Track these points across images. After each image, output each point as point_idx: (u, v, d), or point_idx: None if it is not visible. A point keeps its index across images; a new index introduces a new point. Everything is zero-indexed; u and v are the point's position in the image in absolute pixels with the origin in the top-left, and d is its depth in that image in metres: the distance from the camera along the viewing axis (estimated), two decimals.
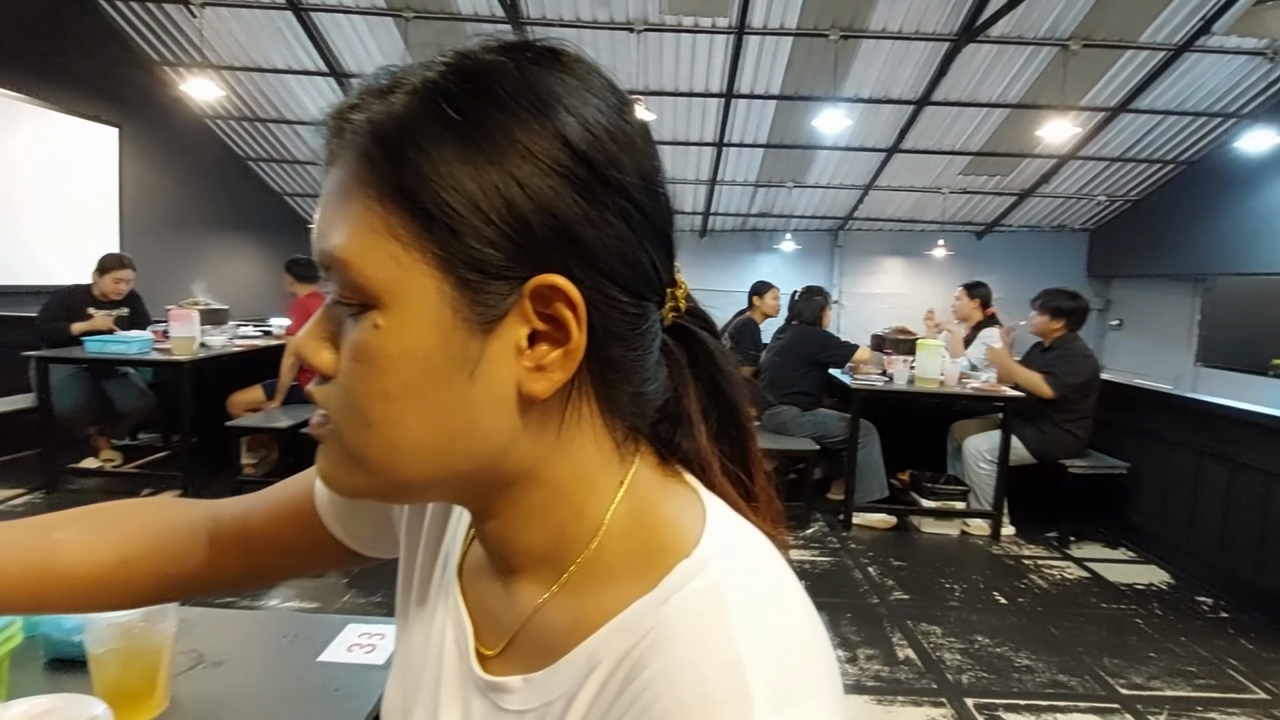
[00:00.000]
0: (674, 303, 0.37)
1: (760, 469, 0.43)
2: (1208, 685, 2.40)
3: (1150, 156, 6.95)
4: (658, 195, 0.34)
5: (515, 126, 0.30)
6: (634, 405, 0.36)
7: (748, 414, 0.42)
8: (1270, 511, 2.85)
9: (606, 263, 0.32)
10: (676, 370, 0.39)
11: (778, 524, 0.41)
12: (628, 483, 0.36)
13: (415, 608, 0.44)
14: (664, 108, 6.45)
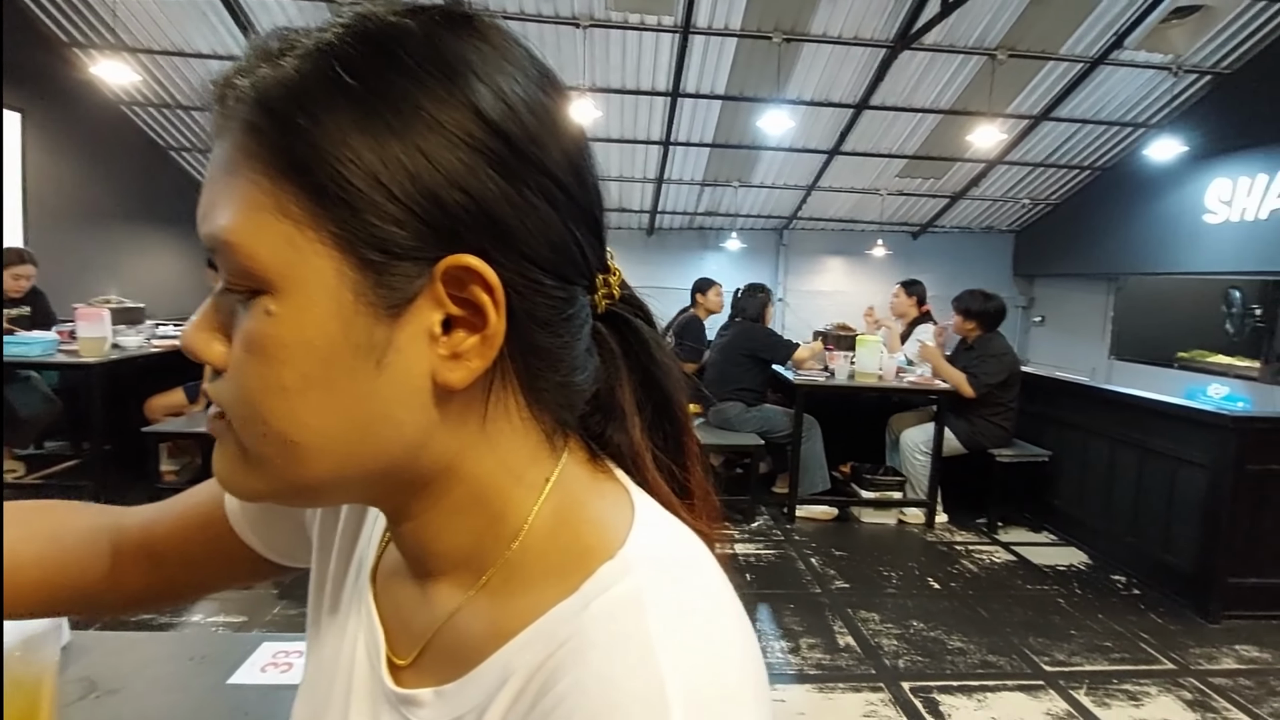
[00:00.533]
0: (607, 290, 0.36)
1: (696, 463, 0.42)
2: (1122, 659, 2.56)
3: (1069, 163, 7.36)
4: (584, 176, 0.33)
5: (420, 95, 0.28)
6: (562, 396, 0.34)
7: (684, 406, 0.40)
8: (1175, 494, 3.07)
9: (527, 244, 0.30)
10: (609, 359, 0.37)
11: (714, 521, 0.40)
12: (554, 480, 0.34)
13: (327, 617, 0.42)
14: (611, 105, 6.42)
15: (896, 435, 3.88)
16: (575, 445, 0.36)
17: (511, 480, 0.33)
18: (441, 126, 0.28)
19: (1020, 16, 5.52)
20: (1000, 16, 5.53)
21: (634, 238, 8.82)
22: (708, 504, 0.41)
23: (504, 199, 0.29)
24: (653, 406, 0.39)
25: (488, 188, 0.29)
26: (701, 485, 0.41)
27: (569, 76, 6.02)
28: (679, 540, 0.34)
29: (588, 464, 0.36)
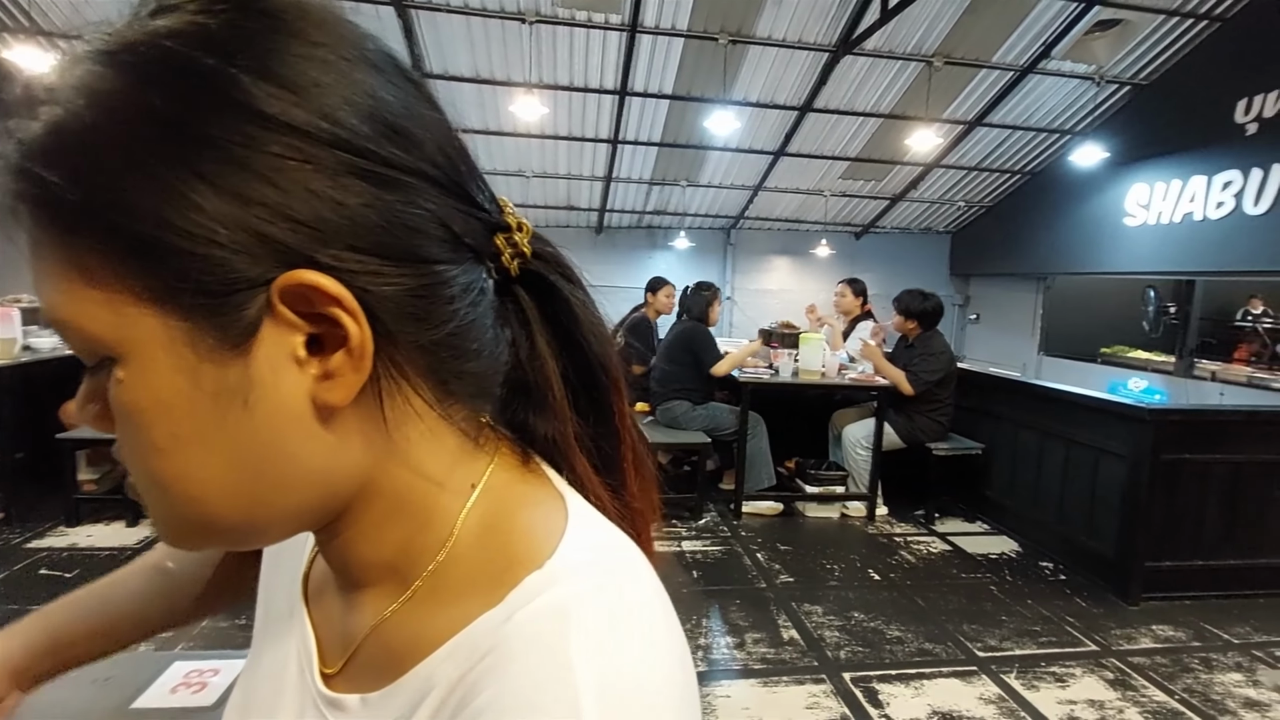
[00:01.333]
0: (514, 249, 0.33)
1: (630, 433, 0.39)
2: (1049, 642, 2.67)
3: (1001, 167, 7.67)
4: (414, 137, 0.29)
5: (195, 113, 0.25)
6: (470, 385, 0.32)
7: (612, 365, 0.38)
8: (1098, 483, 3.23)
9: (360, 238, 0.27)
10: (527, 328, 0.35)
11: (652, 514, 0.39)
12: (482, 485, 0.33)
13: (269, 627, 0.41)
14: (558, 103, 6.36)
15: (839, 431, 3.97)
16: (506, 448, 0.35)
17: (434, 487, 0.32)
18: (228, 142, 0.25)
19: (955, 25, 5.72)
20: (936, 25, 5.72)
21: (582, 236, 8.77)
22: (645, 493, 0.39)
23: (314, 196, 0.26)
24: (577, 370, 0.37)
25: (296, 193, 0.26)
26: (634, 453, 0.39)
27: (515, 73, 5.93)
28: (610, 548, 0.33)
29: (519, 468, 0.35)
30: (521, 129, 6.62)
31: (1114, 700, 2.30)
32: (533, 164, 7.33)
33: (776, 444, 3.84)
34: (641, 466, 0.40)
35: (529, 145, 6.98)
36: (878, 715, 2.16)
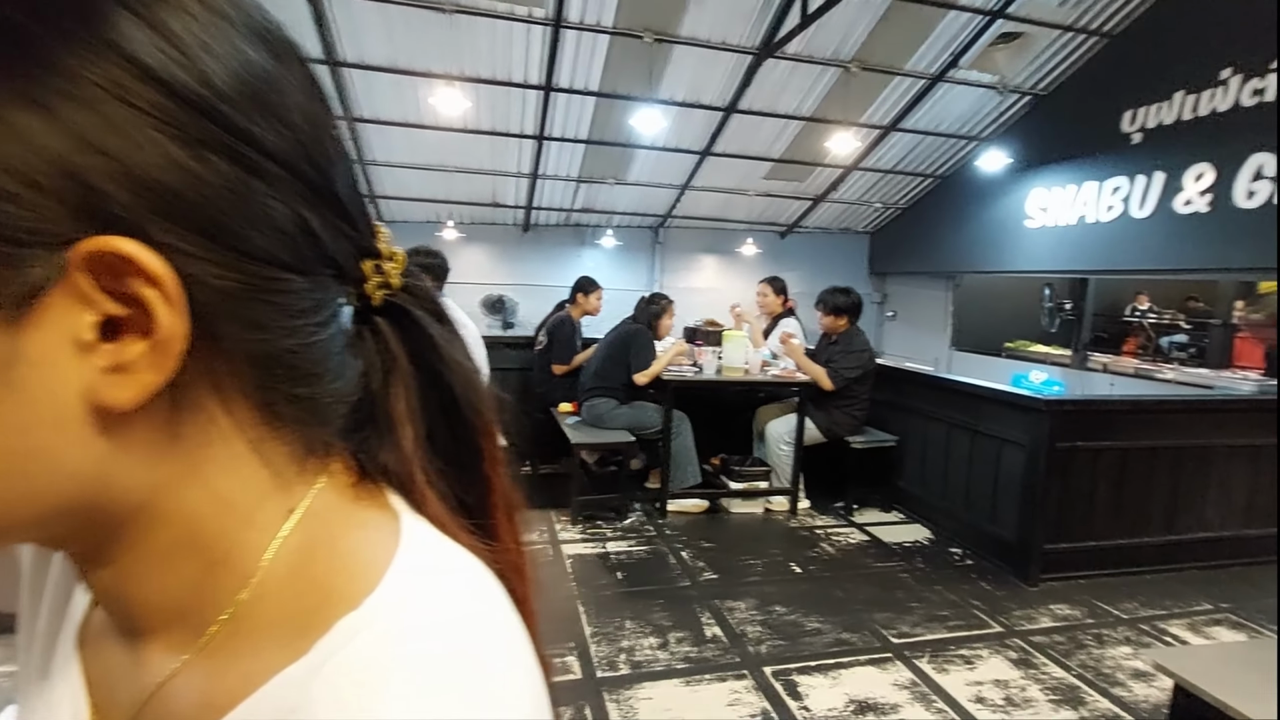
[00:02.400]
0: (382, 278, 0.31)
1: (501, 480, 0.36)
2: (958, 626, 2.78)
3: (914, 170, 8.00)
4: (294, 128, 0.26)
5: (56, 36, 0.22)
6: (308, 411, 0.29)
7: (481, 410, 0.35)
8: (1001, 471, 3.39)
9: (206, 219, 0.24)
10: (385, 361, 0.32)
11: (525, 567, 0.36)
12: (302, 509, 0.29)
13: (35, 683, 0.34)
14: (481, 96, 6.19)
15: (762, 428, 4.02)
16: (340, 468, 0.31)
17: (238, 519, 0.28)
18: (85, 79, 0.22)
19: (870, 33, 5.92)
20: (853, 31, 5.90)
21: (509, 234, 8.60)
22: (512, 528, 0.36)
23: (175, 167, 0.23)
24: (441, 412, 0.34)
25: (148, 153, 0.23)
26: (505, 501, 0.36)
27: (434, 63, 5.73)
28: (447, 574, 0.29)
29: (350, 489, 0.31)
30: (443, 123, 6.40)
31: (1017, 679, 2.41)
32: (455, 159, 7.11)
33: (702, 442, 3.85)
34: (514, 516, 0.37)
35: (451, 139, 6.76)
36: (797, 708, 2.18)
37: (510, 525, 0.36)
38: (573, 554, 3.23)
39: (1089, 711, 2.24)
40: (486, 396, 0.36)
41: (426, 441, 0.33)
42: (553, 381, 4.06)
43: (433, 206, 7.99)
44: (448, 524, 0.32)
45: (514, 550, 0.36)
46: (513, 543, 0.36)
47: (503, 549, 0.35)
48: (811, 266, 8.78)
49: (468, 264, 8.38)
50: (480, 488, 0.35)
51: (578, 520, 3.59)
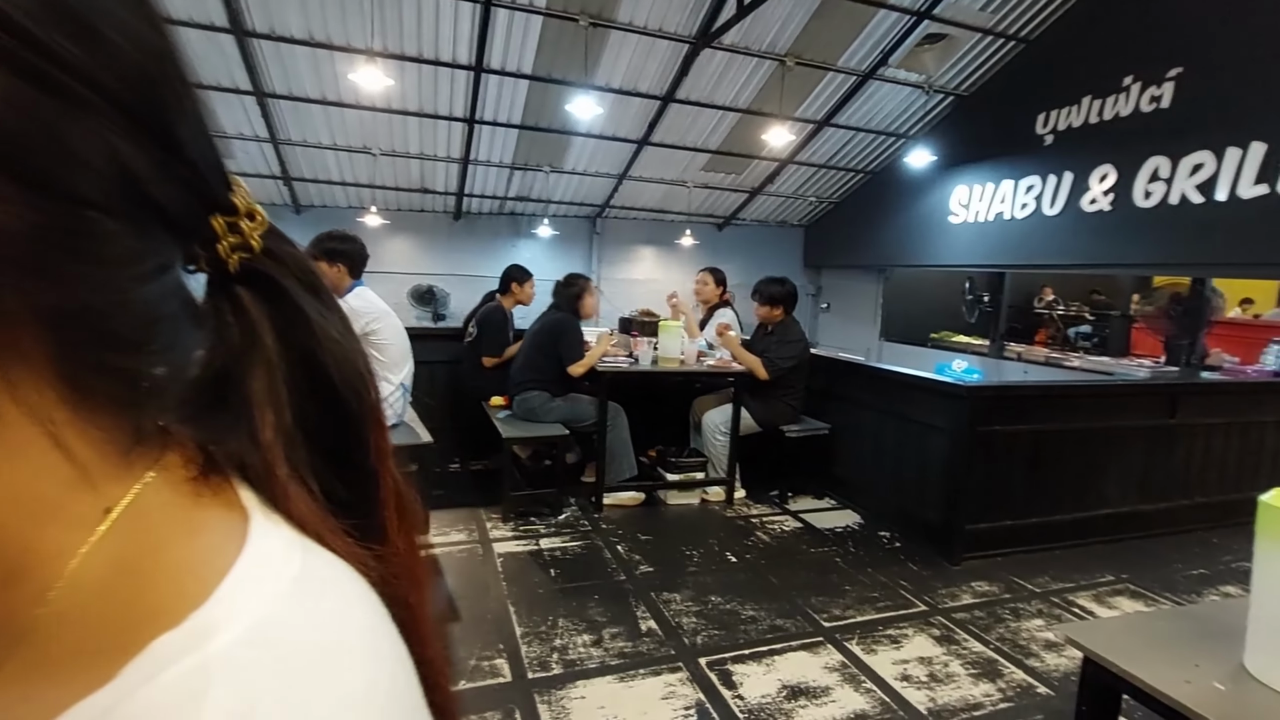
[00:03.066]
0: (239, 239, 0.27)
1: (389, 473, 0.32)
2: (886, 607, 2.85)
3: (847, 166, 8.21)
4: (109, 46, 0.22)
5: None
6: (119, 387, 0.24)
7: (364, 395, 0.31)
8: (926, 456, 3.50)
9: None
10: (244, 336, 0.28)
11: (423, 573, 0.33)
12: (122, 509, 0.24)
13: None
14: (406, 74, 5.92)
15: (699, 418, 4.02)
16: (177, 459, 0.27)
17: (33, 520, 0.23)
18: None
19: (804, 28, 6.00)
20: (788, 26, 5.97)
21: (439, 221, 8.32)
22: (411, 538, 0.32)
23: None
24: (316, 397, 0.30)
25: None
26: (395, 496, 0.32)
27: (355, 38, 5.44)
28: (295, 592, 0.25)
29: (188, 485, 0.26)
30: (365, 101, 6.10)
31: (940, 655, 2.49)
32: (380, 140, 6.80)
33: (639, 433, 3.82)
34: (408, 515, 0.33)
35: (375, 119, 6.46)
36: (731, 697, 2.18)
37: (401, 524, 0.32)
38: (504, 552, 3.14)
39: (1005, 683, 2.34)
40: (370, 379, 0.32)
41: (298, 430, 0.29)
42: (483, 375, 3.93)
43: (355, 191, 7.63)
44: (314, 525, 0.28)
45: (405, 552, 0.32)
46: (404, 544, 0.32)
47: (391, 552, 0.31)
48: (748, 258, 8.89)
49: (394, 252, 8.05)
50: (364, 482, 0.31)
51: (510, 517, 3.49)
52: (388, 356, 3.01)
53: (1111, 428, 3.59)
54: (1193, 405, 3.81)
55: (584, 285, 3.72)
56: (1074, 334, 8.19)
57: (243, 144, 6.60)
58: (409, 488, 0.34)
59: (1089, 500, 3.59)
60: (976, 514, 3.33)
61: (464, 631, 2.48)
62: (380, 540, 0.31)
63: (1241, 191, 4.84)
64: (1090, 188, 5.87)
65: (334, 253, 2.96)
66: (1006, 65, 6.68)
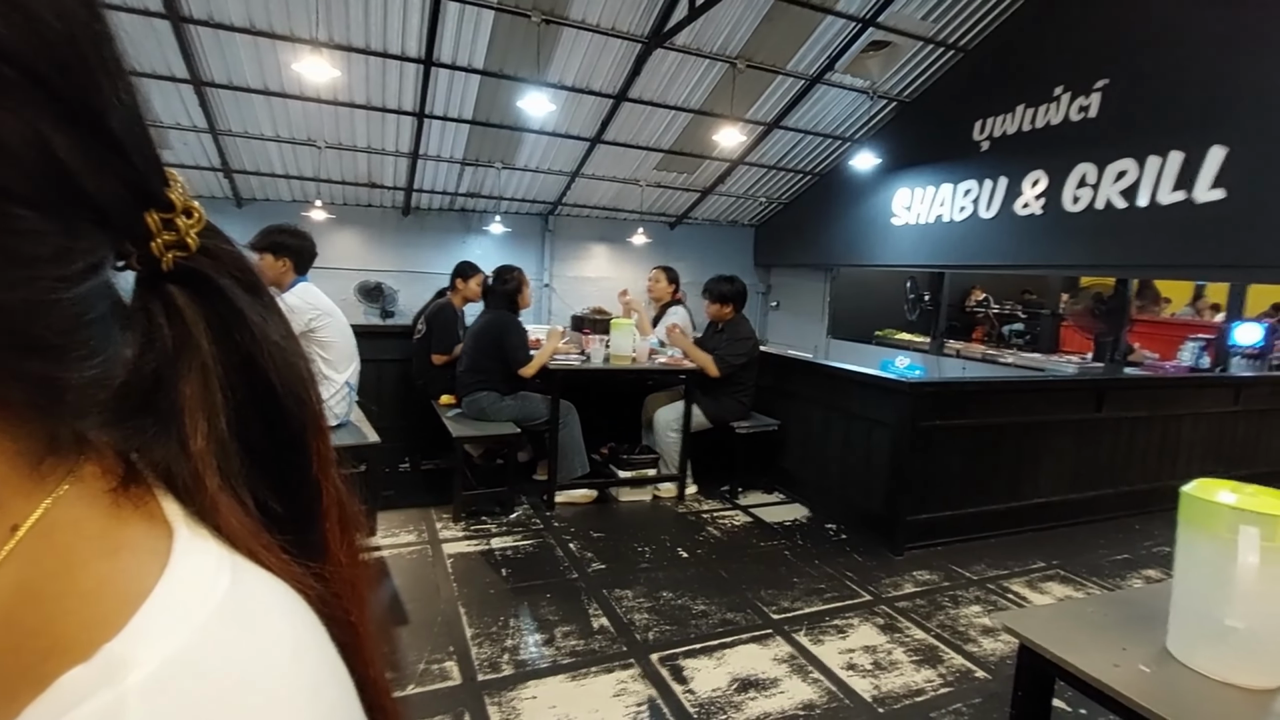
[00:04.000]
0: (174, 236, 0.26)
1: (332, 483, 0.31)
2: (833, 598, 2.93)
3: (795, 167, 8.37)
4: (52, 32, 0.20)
5: None
6: (45, 396, 0.22)
7: (305, 401, 0.30)
8: (872, 450, 3.61)
9: None
10: (176, 338, 0.27)
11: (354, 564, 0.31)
12: (29, 527, 0.22)
13: None
14: (353, 66, 5.75)
15: (651, 415, 4.04)
16: (93, 470, 0.25)
17: None
18: None
19: (755, 31, 6.09)
20: (739, 29, 6.05)
21: (387, 217, 8.12)
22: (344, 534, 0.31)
23: None
24: (254, 403, 0.29)
25: None
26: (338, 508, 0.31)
27: (299, 27, 5.25)
28: (220, 618, 0.23)
29: (107, 498, 0.25)
30: (310, 92, 5.90)
31: (884, 644, 2.57)
32: (326, 133, 6.59)
33: (591, 431, 3.81)
34: (349, 526, 0.31)
35: (321, 112, 6.26)
36: (682, 692, 2.20)
37: (344, 537, 0.31)
38: (454, 553, 3.09)
39: (946, 668, 2.43)
40: (312, 384, 0.30)
41: (234, 439, 0.28)
42: (432, 372, 3.85)
43: (299, 184, 7.38)
44: (247, 540, 0.26)
45: (347, 566, 0.31)
46: (346, 557, 0.31)
47: (333, 566, 0.30)
48: (700, 257, 8.98)
49: (341, 248, 7.82)
50: (305, 493, 0.30)
51: (461, 517, 3.44)
52: (332, 355, 2.92)
53: (1043, 421, 3.78)
54: (1117, 400, 4.03)
55: (520, 277, 3.66)
56: (1008, 331, 8.57)
57: (180, 135, 6.31)
58: (352, 496, 0.32)
59: (1022, 490, 3.76)
60: (918, 505, 3.45)
61: (413, 634, 2.43)
62: (321, 554, 0.30)
63: (1161, 198, 5.15)
64: (1023, 192, 6.15)
65: (281, 246, 2.86)
66: (946, 73, 6.94)
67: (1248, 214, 4.65)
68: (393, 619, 2.50)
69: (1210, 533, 0.99)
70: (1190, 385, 4.58)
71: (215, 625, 0.23)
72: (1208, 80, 4.88)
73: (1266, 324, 5.79)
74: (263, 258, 2.86)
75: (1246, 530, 0.94)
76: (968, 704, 2.23)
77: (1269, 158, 4.57)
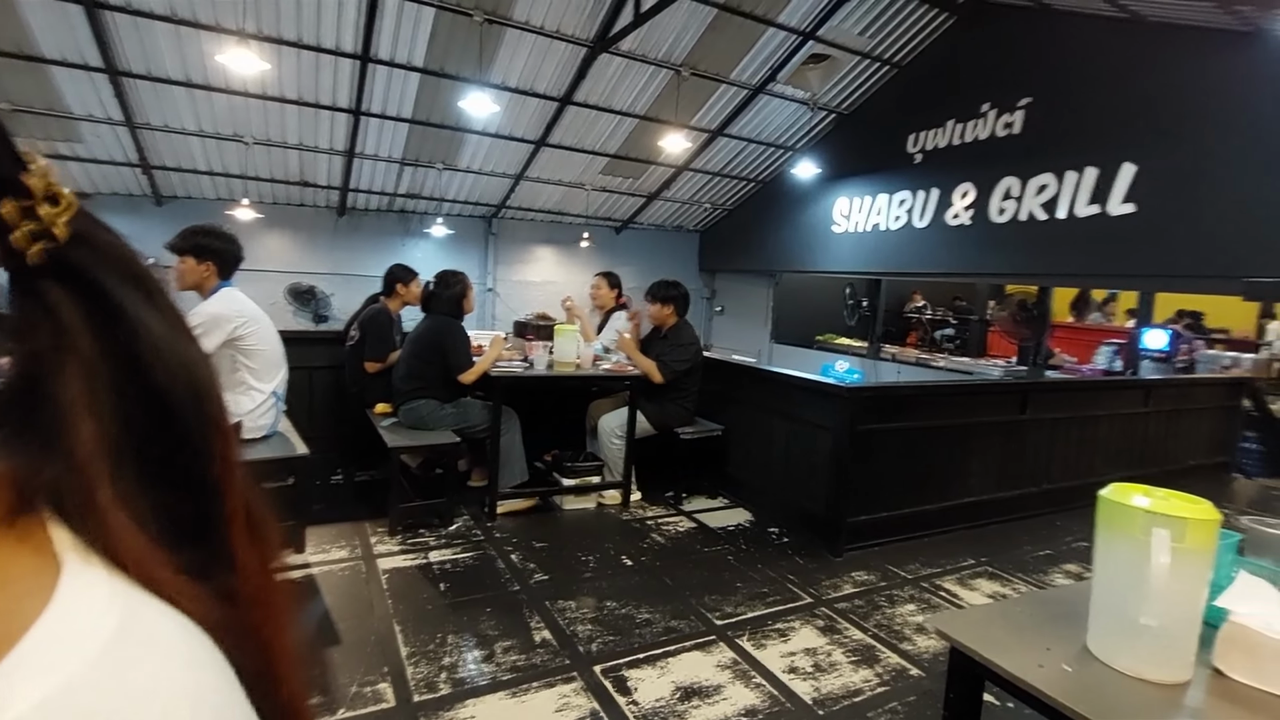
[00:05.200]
0: (37, 225, 0.24)
1: (237, 488, 0.28)
2: (775, 601, 2.95)
3: (739, 174, 8.50)
4: None
5: None
6: None
7: (203, 402, 0.28)
8: (812, 454, 3.67)
9: None
10: (53, 339, 0.25)
11: (265, 575, 0.29)
12: None
13: None
14: (284, 60, 5.51)
15: (595, 422, 4.00)
16: None
17: None
18: None
19: (699, 40, 6.15)
20: (684, 36, 6.09)
21: (321, 217, 7.81)
22: (254, 543, 0.28)
23: None
24: (145, 406, 0.26)
25: None
26: (246, 515, 0.28)
27: (224, 17, 4.99)
28: (113, 652, 0.21)
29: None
30: (236, 85, 5.62)
31: (824, 645, 2.61)
32: (254, 129, 6.29)
33: (535, 438, 3.75)
34: (259, 534, 0.29)
35: (248, 106, 5.96)
36: (626, 703, 2.17)
37: (254, 546, 0.28)
38: (390, 568, 2.97)
39: (882, 668, 2.49)
40: (210, 383, 0.28)
41: (128, 443, 0.26)
42: (367, 380, 3.71)
43: (224, 182, 7.02)
44: (142, 563, 0.24)
45: (258, 577, 0.28)
46: (256, 567, 0.28)
47: (242, 578, 0.27)
48: (646, 262, 9.01)
49: (270, 249, 7.48)
50: (208, 501, 0.28)
51: (397, 531, 3.32)
52: (258, 363, 2.77)
53: (972, 424, 3.93)
54: (1040, 402, 4.24)
55: (465, 282, 3.57)
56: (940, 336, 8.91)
57: (93, 127, 5.90)
58: (262, 503, 0.30)
59: (953, 490, 3.91)
60: (857, 507, 3.54)
61: (344, 655, 2.32)
62: (228, 566, 0.27)
63: (1078, 211, 5.46)
64: (953, 203, 6.42)
65: (203, 249, 2.69)
66: (882, 88, 7.18)
67: (1155, 227, 4.98)
68: (323, 640, 2.38)
69: (1126, 535, 1.03)
70: (1105, 388, 4.87)
71: (98, 666, 0.21)
72: (1119, 102, 5.21)
73: (1172, 330, 6.22)
74: (183, 260, 2.70)
75: (1159, 532, 0.98)
76: (903, 702, 2.28)
77: (1172, 176, 4.91)
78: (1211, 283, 5.04)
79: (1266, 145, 4.42)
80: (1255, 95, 4.48)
